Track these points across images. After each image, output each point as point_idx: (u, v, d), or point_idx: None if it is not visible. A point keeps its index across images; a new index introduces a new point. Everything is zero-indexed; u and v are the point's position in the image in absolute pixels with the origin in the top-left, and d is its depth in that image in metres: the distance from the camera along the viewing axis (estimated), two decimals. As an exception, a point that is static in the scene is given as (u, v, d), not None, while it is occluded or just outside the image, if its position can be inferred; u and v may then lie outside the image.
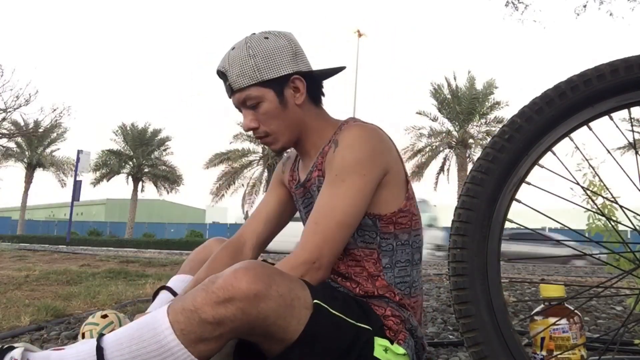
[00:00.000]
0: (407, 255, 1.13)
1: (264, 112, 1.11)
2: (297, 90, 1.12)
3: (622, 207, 0.94)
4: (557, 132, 0.83)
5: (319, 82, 1.18)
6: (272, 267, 0.91)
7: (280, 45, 1.10)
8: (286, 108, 1.12)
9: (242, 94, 1.10)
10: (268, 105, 1.10)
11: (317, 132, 1.17)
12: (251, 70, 1.08)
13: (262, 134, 1.14)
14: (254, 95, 1.09)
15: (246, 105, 1.12)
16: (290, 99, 1.12)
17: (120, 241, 21.43)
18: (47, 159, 26.96)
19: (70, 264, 5.06)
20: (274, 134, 1.14)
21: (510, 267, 8.41)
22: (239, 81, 1.09)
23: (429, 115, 22.13)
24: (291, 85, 1.12)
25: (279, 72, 1.09)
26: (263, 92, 1.09)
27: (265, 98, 1.09)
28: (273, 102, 1.10)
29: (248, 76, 1.08)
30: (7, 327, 1.84)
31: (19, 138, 24.19)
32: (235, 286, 0.83)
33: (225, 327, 0.83)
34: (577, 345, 0.90)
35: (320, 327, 0.91)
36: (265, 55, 1.08)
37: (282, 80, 1.10)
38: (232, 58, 1.09)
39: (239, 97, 1.11)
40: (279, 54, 1.09)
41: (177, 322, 0.83)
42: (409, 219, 1.13)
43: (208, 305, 0.82)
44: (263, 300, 0.84)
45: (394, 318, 1.04)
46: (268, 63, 1.08)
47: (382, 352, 0.96)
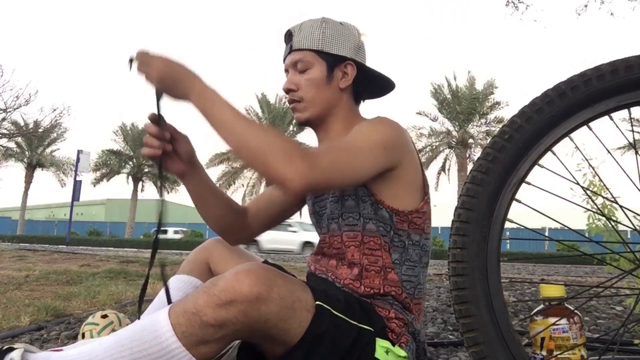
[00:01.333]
0: (417, 255, 1.12)
1: (310, 78, 1.14)
2: (346, 75, 1.16)
3: (622, 207, 0.94)
4: (557, 132, 0.83)
5: (368, 81, 1.21)
6: (274, 270, 0.91)
7: (350, 33, 1.17)
8: (330, 84, 1.15)
9: (298, 54, 1.15)
10: (316, 73, 1.14)
11: (344, 124, 1.18)
12: (317, 37, 1.14)
13: (297, 98, 1.16)
14: (307, 60, 1.14)
15: (296, 67, 1.16)
16: (337, 79, 1.16)
17: (120, 241, 21.42)
18: (47, 159, 26.98)
19: (70, 264, 5.06)
20: (307, 102, 1.16)
21: (510, 267, 8.41)
22: (303, 42, 1.14)
23: (429, 115, 22.15)
24: (343, 68, 1.16)
25: (339, 51, 1.14)
26: (317, 61, 1.14)
27: (317, 66, 1.14)
28: (322, 73, 1.14)
29: (312, 41, 1.14)
30: (7, 327, 1.84)
31: (19, 138, 24.20)
32: (237, 289, 0.83)
33: (227, 330, 0.83)
34: (577, 345, 0.90)
35: (322, 329, 0.91)
36: (335, 32, 1.15)
37: (338, 59, 1.15)
38: (306, 23, 1.16)
39: (293, 57, 1.15)
40: (347, 38, 1.16)
41: (178, 324, 0.83)
42: (423, 222, 1.13)
43: (209, 307, 0.82)
44: (264, 303, 0.84)
45: (397, 320, 1.04)
46: (334, 39, 1.14)
47: (383, 353, 0.96)
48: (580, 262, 11.58)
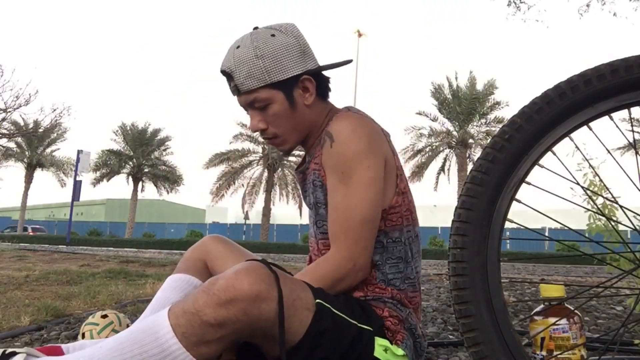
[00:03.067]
0: (399, 252, 1.11)
1: (273, 113, 1.08)
2: (307, 90, 1.10)
3: (622, 207, 0.94)
4: (557, 132, 0.83)
5: (326, 79, 1.16)
6: (273, 268, 0.91)
7: (288, 43, 1.07)
8: (295, 109, 1.09)
9: (250, 95, 1.07)
10: (277, 107, 1.07)
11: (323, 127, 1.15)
12: (260, 72, 1.04)
13: (270, 135, 1.12)
14: (262, 97, 1.06)
15: (254, 107, 1.09)
16: (300, 100, 1.09)
17: (120, 241, 21.42)
18: (47, 159, 26.98)
19: (70, 264, 5.06)
20: (282, 135, 1.12)
21: (510, 267, 8.41)
22: (247, 83, 1.05)
23: (429, 116, 22.14)
24: (300, 86, 1.09)
25: (289, 73, 1.06)
26: (272, 94, 1.06)
27: (275, 100, 1.07)
28: (283, 103, 1.07)
29: (257, 78, 1.04)
30: (7, 327, 1.84)
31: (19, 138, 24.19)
32: (237, 287, 0.83)
33: (227, 329, 0.83)
34: (577, 345, 0.90)
35: (323, 327, 0.91)
36: (274, 55, 1.04)
37: (292, 81, 1.07)
38: (238, 58, 1.05)
39: (246, 99, 1.08)
40: (288, 54, 1.06)
41: (178, 325, 0.82)
42: (400, 216, 1.10)
43: (209, 307, 0.82)
44: (265, 302, 0.84)
45: (391, 319, 1.04)
46: (277, 64, 1.05)
47: (382, 352, 0.96)
48: (580, 262, 11.57)
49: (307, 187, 1.17)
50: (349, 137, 1.04)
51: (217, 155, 23.18)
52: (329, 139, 1.06)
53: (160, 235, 27.38)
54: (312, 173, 1.13)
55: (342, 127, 1.05)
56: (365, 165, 1.03)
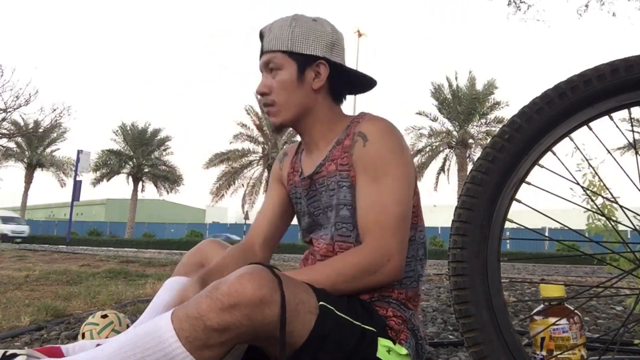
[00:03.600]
0: (413, 251, 1.13)
1: (280, 80, 1.12)
2: (319, 75, 1.13)
3: (622, 207, 0.94)
4: (557, 132, 0.83)
5: (344, 79, 1.18)
6: (276, 272, 0.91)
7: (323, 30, 1.13)
8: (301, 86, 1.13)
9: (268, 55, 1.13)
10: (286, 75, 1.12)
11: (327, 125, 1.17)
12: (286, 37, 1.11)
13: (268, 102, 1.15)
14: (277, 61, 1.12)
15: (268, 68, 1.14)
16: (309, 80, 1.13)
17: (120, 241, 21.42)
18: (47, 159, 26.99)
19: (70, 264, 5.06)
20: (279, 105, 1.14)
21: (510, 267, 8.41)
22: (272, 43, 1.12)
23: (429, 115, 22.15)
24: (314, 68, 1.13)
25: (309, 50, 1.11)
26: (286, 62, 1.11)
27: (286, 68, 1.12)
28: (292, 74, 1.12)
29: (281, 41, 1.11)
30: (7, 327, 1.84)
31: (19, 138, 24.20)
32: (240, 292, 0.82)
33: (231, 333, 0.83)
34: (577, 345, 0.90)
35: (327, 330, 0.91)
36: (305, 31, 1.12)
37: (308, 59, 1.12)
38: (276, 23, 1.14)
39: (265, 59, 1.14)
40: (318, 37, 1.12)
41: (181, 329, 0.82)
42: (416, 215, 1.13)
43: (213, 311, 0.82)
44: (268, 306, 0.83)
45: (395, 318, 1.04)
46: (303, 38, 1.11)
47: (385, 352, 0.96)
48: (580, 262, 11.58)
49: (319, 190, 1.17)
50: (383, 136, 1.07)
51: (217, 155, 23.19)
52: (362, 138, 1.08)
53: (160, 235, 27.38)
54: (334, 174, 1.13)
55: (375, 128, 1.09)
56: (400, 163, 1.06)
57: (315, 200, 1.20)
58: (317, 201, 1.19)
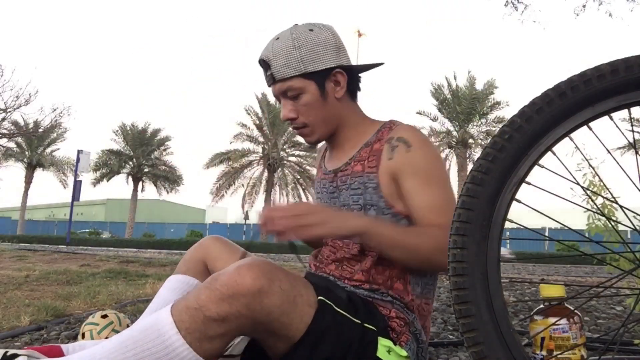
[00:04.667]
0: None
1: (305, 103, 1.12)
2: (338, 84, 1.14)
3: (622, 207, 0.94)
4: (557, 132, 0.83)
5: (358, 77, 1.20)
6: (275, 264, 0.92)
7: (324, 38, 1.12)
8: (326, 101, 1.13)
9: (284, 84, 1.11)
10: (309, 96, 1.11)
11: (353, 127, 1.18)
12: (296, 61, 1.09)
13: (300, 125, 1.15)
14: (296, 87, 1.10)
15: (286, 96, 1.13)
16: (331, 92, 1.13)
17: (120, 241, 21.42)
18: (47, 159, 26.97)
19: (70, 264, 5.06)
20: (312, 125, 1.15)
21: (510, 267, 8.41)
22: (283, 71, 1.09)
23: (429, 115, 22.16)
24: (333, 79, 1.13)
25: (323, 65, 1.10)
26: (305, 84, 1.10)
27: (307, 90, 1.11)
28: (314, 94, 1.11)
29: (292, 67, 1.09)
30: (7, 327, 1.84)
31: (19, 138, 24.19)
32: (239, 282, 0.83)
33: (230, 324, 0.83)
34: (577, 345, 0.90)
35: (325, 325, 0.91)
36: (311, 47, 1.10)
37: (325, 73, 1.11)
38: (277, 48, 1.10)
39: (280, 87, 1.12)
40: (324, 47, 1.11)
41: (181, 321, 0.83)
42: None
43: (212, 302, 0.82)
44: (267, 296, 0.84)
45: (398, 320, 1.03)
46: (312, 55, 1.09)
47: (385, 352, 0.96)
48: (580, 262, 11.58)
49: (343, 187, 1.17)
50: (424, 142, 1.11)
51: (217, 155, 23.19)
52: (404, 144, 1.10)
53: (160, 235, 27.38)
54: (360, 175, 1.13)
55: (414, 134, 1.13)
56: (442, 166, 1.12)
57: (334, 196, 1.20)
58: (336, 198, 1.19)
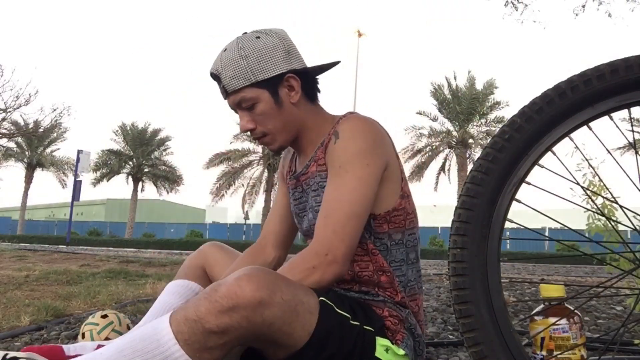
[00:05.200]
0: (402, 254, 1.12)
1: (260, 112, 1.10)
2: (292, 89, 1.11)
3: (622, 207, 0.94)
4: (557, 132, 0.83)
5: (313, 79, 1.17)
6: (275, 273, 0.91)
7: (272, 44, 1.09)
8: (282, 107, 1.10)
9: (236, 95, 1.09)
10: (263, 105, 1.09)
11: (314, 129, 1.16)
12: (244, 71, 1.06)
13: (259, 135, 1.13)
14: (248, 97, 1.08)
15: (242, 107, 1.11)
16: (286, 98, 1.11)
17: (120, 241, 21.42)
18: (47, 159, 26.96)
19: (70, 264, 5.06)
20: (271, 133, 1.13)
21: (510, 267, 8.41)
22: (233, 83, 1.08)
23: (429, 115, 22.14)
24: (285, 84, 1.10)
25: (273, 72, 1.08)
26: (258, 93, 1.08)
27: (260, 99, 1.08)
28: (268, 102, 1.09)
29: (242, 77, 1.07)
30: (7, 327, 1.84)
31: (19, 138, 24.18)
32: (239, 294, 0.82)
33: (230, 336, 0.82)
34: (577, 345, 0.90)
35: (329, 327, 0.91)
36: (258, 55, 1.07)
37: (276, 79, 1.09)
38: (225, 60, 1.08)
39: (233, 99, 1.10)
40: (272, 54, 1.08)
41: (180, 332, 0.82)
42: (403, 218, 1.12)
43: (212, 314, 0.81)
44: (267, 308, 0.83)
45: (391, 318, 1.04)
46: (261, 63, 1.07)
47: (383, 352, 0.96)
48: (580, 262, 11.57)
49: (306, 191, 1.17)
50: (354, 135, 1.06)
51: (217, 155, 23.18)
52: (335, 136, 1.08)
53: (160, 235, 27.37)
54: (315, 175, 1.14)
55: (349, 126, 1.07)
56: (364, 163, 1.03)
57: (301, 201, 1.20)
58: (304, 202, 1.19)
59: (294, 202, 1.23)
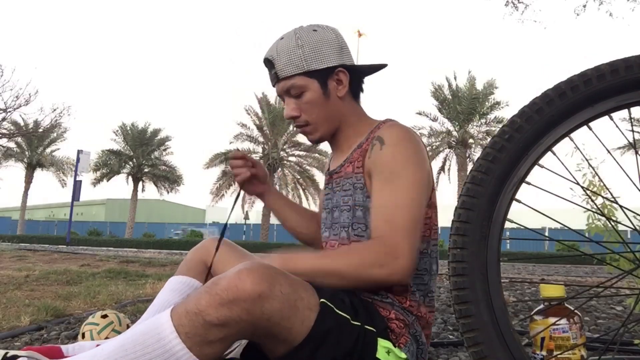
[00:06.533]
0: (425, 264, 1.11)
1: (307, 101, 1.13)
2: (340, 82, 1.14)
3: (622, 207, 0.94)
4: (557, 132, 0.83)
5: (360, 78, 1.20)
6: (276, 268, 0.91)
7: (327, 37, 1.13)
8: (328, 99, 1.14)
9: (287, 82, 1.12)
10: (312, 94, 1.12)
11: (353, 127, 1.19)
12: (298, 59, 1.10)
13: (302, 123, 1.16)
14: (298, 85, 1.11)
15: (290, 94, 1.14)
16: (333, 91, 1.14)
17: (120, 241, 21.42)
18: (47, 159, 26.97)
19: (70, 264, 5.06)
20: (314, 123, 1.16)
21: (510, 267, 8.41)
22: (286, 69, 1.11)
23: (429, 115, 22.15)
24: (335, 78, 1.14)
25: (325, 64, 1.11)
26: (308, 82, 1.11)
27: (310, 88, 1.12)
28: (317, 92, 1.12)
29: (295, 65, 1.10)
30: (7, 327, 1.84)
31: (19, 138, 24.20)
32: (240, 287, 0.82)
33: (230, 329, 0.83)
34: (577, 345, 0.90)
35: (327, 327, 0.91)
36: (313, 46, 1.11)
37: (327, 71, 1.12)
38: (281, 47, 1.12)
39: (283, 86, 1.13)
40: (326, 46, 1.12)
41: (181, 325, 0.82)
42: (429, 228, 1.12)
43: (212, 307, 0.82)
44: (267, 301, 0.84)
45: (397, 321, 1.03)
46: (315, 54, 1.11)
47: (384, 353, 0.96)
48: (580, 262, 11.58)
49: (337, 189, 1.18)
50: (401, 141, 1.08)
51: (217, 155, 23.18)
52: (379, 142, 1.09)
53: (160, 235, 27.37)
54: (350, 176, 1.14)
55: (394, 132, 1.09)
56: (415, 169, 1.05)
57: (328, 198, 1.22)
58: (330, 199, 1.20)
59: (325, 196, 1.25)
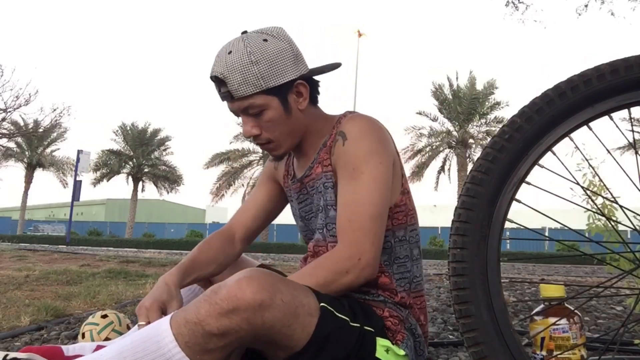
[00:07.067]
0: (406, 251, 1.12)
1: (268, 119, 1.07)
2: (301, 95, 1.10)
3: (622, 207, 0.94)
4: (557, 132, 0.83)
5: (317, 83, 1.16)
6: (276, 275, 0.90)
7: (281, 48, 1.06)
8: (290, 114, 1.09)
9: (244, 102, 1.05)
10: (272, 113, 1.06)
11: (316, 133, 1.16)
12: (254, 78, 1.02)
13: (264, 141, 1.11)
14: (257, 104, 1.05)
15: (247, 113, 1.07)
16: (294, 105, 1.09)
17: (120, 241, 21.42)
18: (47, 159, 26.96)
19: (70, 264, 5.06)
20: (277, 140, 1.11)
21: (510, 267, 8.41)
22: (242, 89, 1.03)
23: (429, 115, 22.14)
24: (295, 91, 1.09)
25: (284, 78, 1.05)
26: (267, 100, 1.05)
27: (270, 106, 1.06)
28: (278, 109, 1.06)
29: (251, 84, 1.02)
30: (7, 327, 1.84)
31: (19, 138, 24.19)
32: (240, 297, 0.82)
33: (230, 338, 0.82)
34: (577, 345, 0.90)
35: (327, 331, 0.91)
36: (269, 61, 1.03)
37: (287, 86, 1.06)
38: (232, 63, 1.02)
39: (240, 105, 1.06)
40: (282, 59, 1.05)
41: (180, 334, 0.82)
42: (405, 214, 1.12)
43: (212, 317, 0.81)
44: (268, 310, 0.83)
45: (392, 319, 1.04)
46: (272, 69, 1.03)
47: (383, 352, 0.96)
48: (580, 262, 11.57)
49: (311, 192, 1.17)
50: (362, 135, 1.06)
51: (217, 155, 23.18)
52: (342, 137, 1.08)
53: (160, 235, 27.36)
54: (321, 177, 1.13)
55: (355, 126, 1.07)
56: (377, 162, 1.04)
57: (307, 204, 1.20)
58: (310, 204, 1.19)
59: (298, 205, 1.22)
